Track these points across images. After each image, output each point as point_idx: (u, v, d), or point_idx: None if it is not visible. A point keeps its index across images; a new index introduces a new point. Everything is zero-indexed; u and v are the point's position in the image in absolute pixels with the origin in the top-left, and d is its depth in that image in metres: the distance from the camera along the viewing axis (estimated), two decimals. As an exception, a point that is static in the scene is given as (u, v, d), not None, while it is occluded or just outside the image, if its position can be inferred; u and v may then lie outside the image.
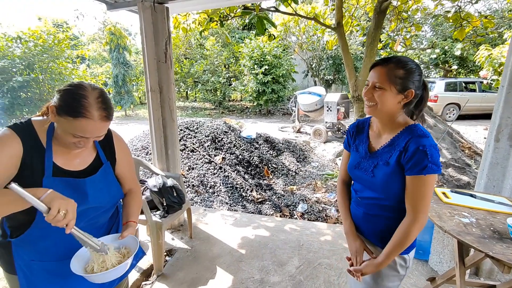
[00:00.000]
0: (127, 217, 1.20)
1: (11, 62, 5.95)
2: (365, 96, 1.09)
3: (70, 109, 0.92)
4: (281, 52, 12.07)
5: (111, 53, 12.51)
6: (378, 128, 1.18)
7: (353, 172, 1.23)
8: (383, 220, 1.15)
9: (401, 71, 1.03)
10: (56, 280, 1.11)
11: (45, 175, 0.99)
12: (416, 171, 1.00)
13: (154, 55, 2.46)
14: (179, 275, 2.31)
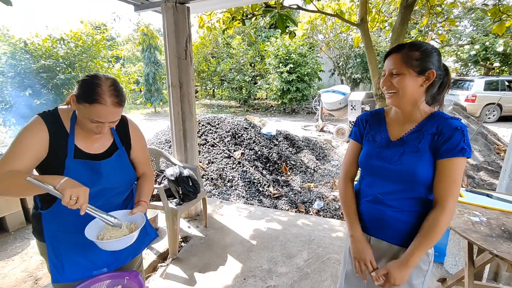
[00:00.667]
0: (139, 197, 1.33)
1: (55, 61, 6.53)
2: (384, 85, 1.06)
3: (87, 96, 1.05)
4: (307, 51, 11.95)
5: (143, 53, 13.18)
6: (398, 117, 1.12)
7: (372, 163, 1.12)
8: (409, 216, 1.06)
9: (416, 53, 0.99)
10: (77, 249, 1.27)
11: (67, 157, 1.13)
12: (453, 153, 0.96)
13: (175, 52, 2.62)
14: (192, 260, 2.45)
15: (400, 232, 1.08)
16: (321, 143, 6.17)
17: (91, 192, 1.19)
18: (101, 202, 1.27)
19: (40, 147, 1.09)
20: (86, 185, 1.16)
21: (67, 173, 1.12)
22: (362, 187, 1.20)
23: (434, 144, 1.01)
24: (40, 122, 1.10)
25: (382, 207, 1.10)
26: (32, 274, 2.34)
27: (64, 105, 1.21)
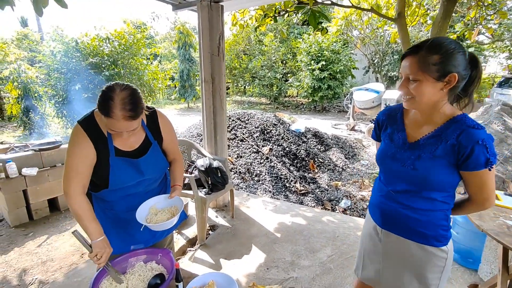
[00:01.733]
0: (174, 181, 1.47)
1: (101, 59, 7.09)
2: (400, 90, 1.02)
3: (102, 108, 1.11)
4: (340, 47, 11.63)
5: (179, 50, 13.74)
6: (417, 117, 1.09)
7: (386, 162, 1.14)
8: (419, 214, 1.08)
9: (435, 57, 0.92)
10: (121, 225, 1.43)
11: (110, 156, 1.26)
12: (478, 167, 0.94)
13: (208, 49, 2.75)
14: (219, 247, 2.57)
15: (410, 229, 1.11)
16: (351, 142, 6.03)
17: (134, 183, 1.35)
18: (142, 189, 1.42)
19: (91, 155, 1.23)
20: (129, 178, 1.32)
21: (113, 169, 1.27)
22: (378, 182, 1.24)
23: (454, 156, 0.97)
24: (83, 135, 1.21)
25: (394, 204, 1.13)
26: (79, 249, 2.63)
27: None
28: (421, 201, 1.07)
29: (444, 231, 1.09)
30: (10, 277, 2.26)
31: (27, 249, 2.62)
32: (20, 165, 2.98)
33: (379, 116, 1.25)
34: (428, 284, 1.12)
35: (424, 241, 1.09)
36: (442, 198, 1.05)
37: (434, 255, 1.09)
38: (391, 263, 1.20)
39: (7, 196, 2.89)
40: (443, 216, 1.08)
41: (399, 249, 1.16)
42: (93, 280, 1.21)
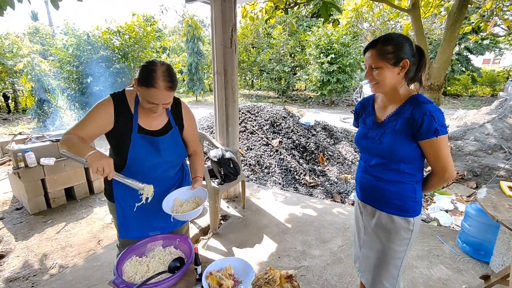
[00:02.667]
0: (194, 173, 1.52)
1: (112, 52, 7.17)
2: (366, 78, 1.21)
3: (144, 80, 1.20)
4: (350, 40, 11.45)
5: (187, 44, 13.75)
6: (383, 101, 1.29)
7: (361, 142, 1.34)
8: (390, 184, 1.24)
9: (389, 47, 1.12)
10: (139, 211, 1.49)
11: (132, 131, 1.32)
12: (428, 135, 1.10)
13: (221, 41, 2.76)
14: (231, 236, 2.63)
15: (383, 199, 1.27)
16: (361, 135, 6.00)
17: (151, 164, 1.40)
18: (158, 173, 1.46)
19: (105, 120, 1.30)
20: (147, 157, 1.37)
21: (133, 145, 1.32)
22: (359, 160, 1.44)
23: (410, 128, 1.14)
24: (109, 101, 1.31)
25: (369, 177, 1.32)
26: (95, 236, 2.73)
27: (130, 87, 1.41)
28: (391, 173, 1.24)
29: (413, 203, 1.23)
30: (32, 261, 2.36)
31: (47, 235, 2.72)
32: (38, 155, 3.08)
33: (356, 106, 1.47)
34: (396, 258, 1.27)
35: (393, 212, 1.24)
36: (409, 170, 1.21)
37: (401, 226, 1.24)
38: (367, 234, 1.37)
39: (27, 185, 3.00)
40: (412, 188, 1.23)
41: (372, 220, 1.33)
42: (117, 261, 1.27)
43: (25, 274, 2.21)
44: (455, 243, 2.46)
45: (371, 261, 1.35)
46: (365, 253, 1.39)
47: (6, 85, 9.70)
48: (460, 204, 3.30)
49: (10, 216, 3.08)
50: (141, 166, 1.38)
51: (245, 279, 1.26)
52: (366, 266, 1.38)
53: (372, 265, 1.34)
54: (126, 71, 7.34)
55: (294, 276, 1.18)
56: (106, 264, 2.24)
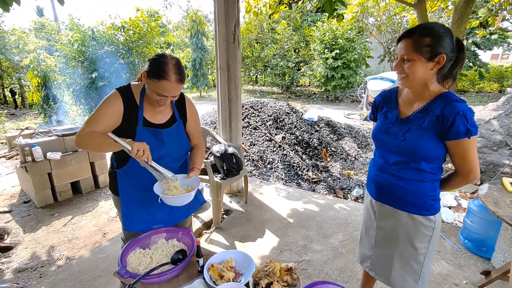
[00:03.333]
0: (193, 164, 1.54)
1: (116, 47, 7.21)
2: (395, 69, 1.13)
3: (156, 73, 1.23)
4: (355, 35, 11.33)
5: (191, 39, 13.73)
6: (409, 96, 1.20)
7: (380, 137, 1.27)
8: (409, 183, 1.19)
9: (427, 39, 1.03)
10: (143, 205, 1.52)
11: (138, 124, 1.35)
12: (459, 136, 1.04)
13: (224, 36, 2.77)
14: (233, 230, 2.66)
15: (401, 199, 1.21)
16: (364, 131, 5.97)
17: (156, 156, 1.42)
18: (162, 166, 1.49)
19: (116, 116, 1.33)
20: (152, 149, 1.39)
21: (138, 138, 1.35)
22: (374, 158, 1.37)
23: (438, 126, 1.08)
24: (117, 96, 1.34)
25: (387, 175, 1.25)
26: (101, 229, 2.78)
27: (135, 81, 1.43)
28: (410, 172, 1.17)
29: (433, 201, 1.18)
30: (40, 253, 2.42)
31: (54, 227, 2.79)
32: (45, 149, 3.14)
33: (376, 98, 1.38)
34: (417, 254, 1.22)
35: (413, 211, 1.19)
36: (430, 169, 1.15)
37: (422, 224, 1.19)
38: (383, 235, 1.31)
39: (34, 178, 3.06)
40: (432, 187, 1.18)
41: (390, 219, 1.27)
42: (121, 252, 1.31)
43: (33, 265, 2.27)
44: (457, 239, 2.46)
45: (389, 260, 1.29)
46: (380, 252, 1.34)
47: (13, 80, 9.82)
48: (463, 200, 3.29)
49: (18, 209, 3.15)
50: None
51: (246, 272, 1.28)
52: (383, 265, 1.34)
53: (390, 263, 1.29)
54: (131, 66, 7.38)
55: (294, 268, 1.20)
56: (111, 256, 2.29)
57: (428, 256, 1.24)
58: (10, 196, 3.46)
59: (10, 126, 7.16)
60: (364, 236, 1.44)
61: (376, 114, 1.37)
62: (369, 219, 1.40)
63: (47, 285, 2.01)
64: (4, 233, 2.69)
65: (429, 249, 1.22)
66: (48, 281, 2.06)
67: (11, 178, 3.96)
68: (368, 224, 1.41)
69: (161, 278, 1.21)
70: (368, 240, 1.41)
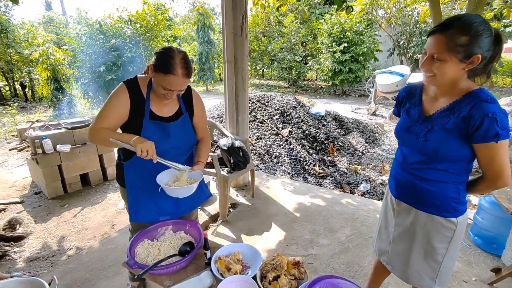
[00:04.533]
0: (198, 157, 1.54)
1: (123, 41, 7.22)
2: (423, 67, 1.03)
3: (162, 67, 1.22)
4: (364, 28, 11.10)
5: (198, 32, 13.66)
6: (435, 92, 1.13)
7: (401, 135, 1.21)
8: (430, 184, 1.13)
9: (464, 38, 0.92)
10: (150, 196, 1.52)
11: (144, 117, 1.35)
12: (486, 139, 0.96)
13: (231, 29, 2.74)
14: (239, 223, 2.68)
15: (421, 199, 1.16)
16: (372, 126, 5.90)
17: (161, 149, 1.42)
18: (168, 159, 1.49)
19: (123, 109, 1.33)
20: (158, 142, 1.38)
21: (144, 131, 1.35)
22: (396, 155, 1.32)
23: (464, 128, 0.99)
24: (123, 89, 1.33)
25: (407, 175, 1.20)
26: (110, 220, 2.82)
27: (142, 74, 1.43)
28: (433, 172, 1.11)
29: (455, 204, 1.12)
30: (51, 243, 2.48)
31: (64, 218, 2.84)
32: (55, 142, 3.18)
33: (400, 93, 1.31)
34: (435, 253, 1.19)
35: (434, 212, 1.15)
36: (454, 170, 1.08)
37: (442, 225, 1.14)
38: (401, 232, 1.28)
39: (44, 170, 3.12)
40: (455, 188, 1.11)
41: (409, 218, 1.23)
42: (130, 243, 1.32)
43: (44, 255, 2.32)
44: (466, 236, 2.43)
45: (407, 256, 1.27)
46: (397, 248, 1.32)
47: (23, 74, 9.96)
48: (474, 197, 3.23)
49: (29, 200, 3.22)
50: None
51: (253, 265, 1.28)
52: (399, 261, 1.31)
53: (407, 259, 1.27)
54: (138, 60, 7.40)
55: (301, 262, 1.20)
56: (120, 247, 2.33)
57: (448, 256, 1.19)
58: (22, 187, 3.54)
59: (21, 119, 7.29)
60: (383, 231, 1.41)
61: (399, 109, 1.31)
62: (389, 215, 1.37)
63: (58, 274, 2.05)
64: (16, 223, 2.76)
65: (449, 250, 1.18)
66: (59, 270, 2.11)
67: (22, 170, 4.04)
68: (388, 220, 1.38)
69: (169, 270, 1.23)
70: (387, 235, 1.38)
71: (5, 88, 10.92)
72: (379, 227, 1.46)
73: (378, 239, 1.46)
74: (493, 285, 1.86)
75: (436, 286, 1.24)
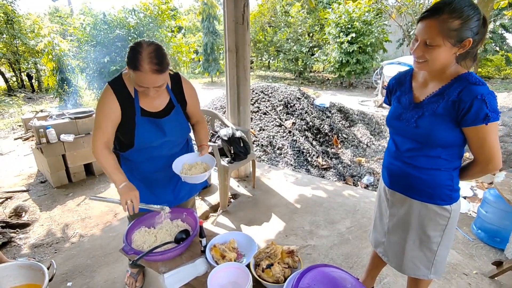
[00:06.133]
0: (200, 141, 1.54)
1: (127, 31, 7.18)
2: (415, 53, 1.01)
3: (131, 63, 1.15)
4: (373, 18, 10.82)
5: (203, 23, 13.53)
6: (424, 78, 1.12)
7: (393, 124, 1.21)
8: (423, 172, 1.13)
9: (456, 22, 0.91)
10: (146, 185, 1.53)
11: (136, 115, 1.32)
12: (477, 122, 0.95)
13: (233, 17, 2.69)
14: (240, 214, 2.68)
15: (414, 188, 1.16)
16: (378, 118, 5.81)
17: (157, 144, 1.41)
18: (165, 152, 1.49)
19: (116, 113, 1.30)
20: (153, 138, 1.38)
21: (138, 128, 1.33)
22: (388, 145, 1.31)
23: (454, 111, 0.99)
24: (110, 92, 1.28)
25: (399, 163, 1.20)
26: (112, 210, 2.86)
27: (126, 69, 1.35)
28: (425, 159, 1.11)
29: (449, 191, 1.12)
30: (55, 230, 2.53)
31: (68, 207, 2.89)
32: (59, 131, 3.21)
33: (390, 81, 1.30)
34: (430, 242, 1.19)
35: (427, 200, 1.14)
36: (446, 156, 1.08)
37: (436, 213, 1.14)
38: (396, 222, 1.28)
39: (49, 159, 3.16)
40: (448, 176, 1.11)
41: (403, 208, 1.23)
42: (126, 230, 1.34)
43: (48, 241, 2.37)
44: (469, 229, 2.39)
45: (401, 246, 1.27)
46: (392, 239, 1.32)
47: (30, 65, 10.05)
48: (479, 190, 3.17)
49: (35, 189, 3.28)
50: (148, 146, 1.41)
51: (248, 253, 1.29)
52: (395, 252, 1.31)
53: (402, 250, 1.27)
54: (142, 50, 7.35)
55: (295, 251, 1.19)
56: (121, 235, 2.36)
57: (443, 245, 1.20)
58: (27, 176, 3.60)
59: (27, 109, 7.39)
60: (378, 222, 1.41)
61: (390, 98, 1.30)
62: (383, 206, 1.36)
63: (61, 260, 2.10)
64: (22, 211, 2.82)
65: (444, 238, 1.18)
66: (61, 256, 2.16)
67: (28, 159, 4.11)
68: (382, 210, 1.37)
69: (164, 256, 1.23)
70: (382, 226, 1.39)
71: (12, 79, 11.06)
72: (374, 219, 1.46)
73: (373, 231, 1.46)
74: (494, 278, 1.83)
75: (431, 275, 1.24)
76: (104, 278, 1.94)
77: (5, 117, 6.71)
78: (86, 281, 1.92)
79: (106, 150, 1.31)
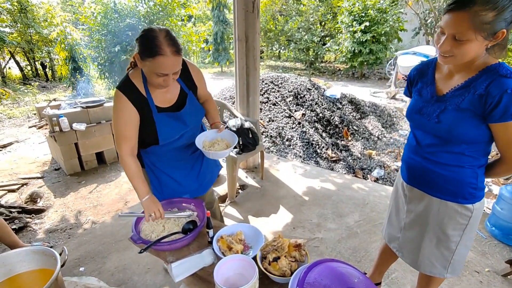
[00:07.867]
0: (212, 119, 1.53)
1: (138, 20, 7.16)
2: (441, 48, 0.93)
3: (147, 50, 1.10)
4: (388, 6, 10.42)
5: (213, 11, 13.36)
6: (449, 69, 1.04)
7: (413, 117, 1.15)
8: (444, 168, 1.07)
9: (490, 14, 0.82)
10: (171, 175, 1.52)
11: (153, 113, 1.30)
12: (505, 118, 0.89)
13: (243, 5, 2.62)
14: (248, 204, 2.69)
15: (435, 184, 1.11)
16: (390, 110, 5.66)
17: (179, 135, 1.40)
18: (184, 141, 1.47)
19: (135, 118, 1.28)
20: (176, 130, 1.37)
21: (159, 125, 1.31)
22: (408, 139, 1.25)
23: (481, 106, 0.92)
24: (122, 98, 1.24)
25: (420, 159, 1.14)
26: (123, 197, 2.92)
27: (130, 68, 1.33)
28: (447, 155, 1.05)
29: (473, 189, 1.06)
30: (68, 216, 2.60)
31: (81, 194, 2.97)
32: (71, 120, 3.27)
33: (411, 72, 1.22)
34: (449, 241, 1.14)
35: (448, 198, 1.09)
36: (470, 153, 1.02)
37: (457, 212, 1.09)
38: (413, 219, 1.23)
39: (62, 148, 3.23)
40: (472, 173, 1.05)
41: (421, 204, 1.18)
42: (135, 219, 1.36)
43: (62, 227, 2.45)
44: (483, 226, 2.33)
45: (418, 243, 1.23)
46: (408, 235, 1.28)
47: (43, 54, 10.21)
48: (495, 187, 3.08)
49: (49, 176, 3.38)
50: (172, 139, 1.39)
51: (255, 245, 1.28)
52: (410, 248, 1.27)
53: (419, 247, 1.23)
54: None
55: (303, 245, 1.18)
56: (130, 223, 2.40)
57: (462, 244, 1.15)
58: (42, 163, 3.71)
59: (42, 98, 7.55)
60: (394, 217, 1.37)
61: (410, 90, 1.23)
62: (400, 201, 1.31)
63: (73, 246, 2.17)
64: (37, 197, 2.91)
65: (464, 238, 1.13)
66: (74, 242, 2.23)
67: (43, 147, 4.22)
68: (399, 206, 1.32)
69: (171, 246, 1.25)
70: (398, 222, 1.34)
71: (27, 68, 11.27)
72: (389, 213, 1.41)
73: (388, 225, 1.42)
74: (507, 277, 1.79)
75: (448, 274, 1.20)
76: (115, 264, 1.99)
77: (20, 105, 6.88)
78: (98, 266, 1.97)
79: (132, 158, 1.32)
